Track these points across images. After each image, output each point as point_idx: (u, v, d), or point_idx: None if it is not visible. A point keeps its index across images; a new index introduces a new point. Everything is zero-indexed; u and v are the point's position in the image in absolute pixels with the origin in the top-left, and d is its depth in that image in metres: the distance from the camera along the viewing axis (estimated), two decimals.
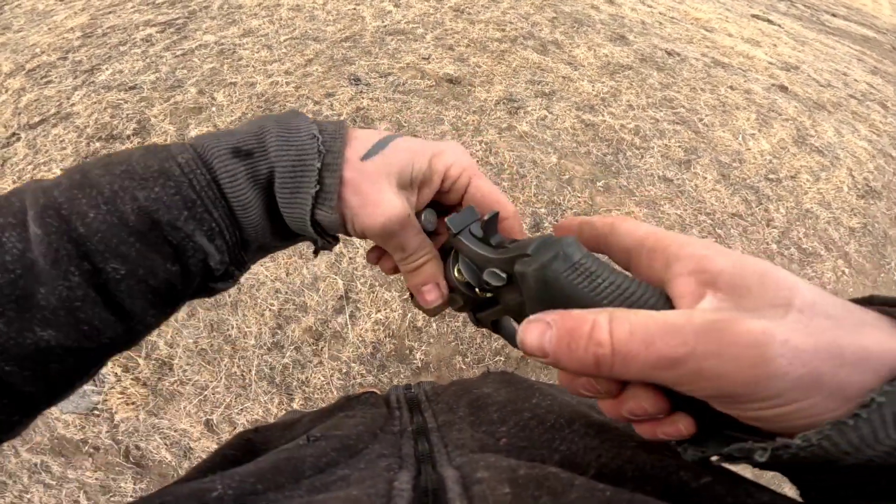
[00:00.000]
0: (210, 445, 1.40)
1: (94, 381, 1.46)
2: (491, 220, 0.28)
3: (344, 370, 1.54)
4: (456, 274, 0.30)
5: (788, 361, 0.16)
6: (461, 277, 0.29)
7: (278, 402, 1.49)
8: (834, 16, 5.29)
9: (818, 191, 2.37)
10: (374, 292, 1.68)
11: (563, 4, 3.38)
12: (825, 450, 0.17)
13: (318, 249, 0.33)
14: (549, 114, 2.41)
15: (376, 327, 1.62)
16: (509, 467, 0.22)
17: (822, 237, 2.18)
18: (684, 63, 3.04)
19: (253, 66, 2.54)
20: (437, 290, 0.32)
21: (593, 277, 0.21)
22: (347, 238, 1.74)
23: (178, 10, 3.06)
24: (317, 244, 0.32)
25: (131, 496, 1.32)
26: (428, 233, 0.34)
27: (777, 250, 2.07)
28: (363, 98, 2.34)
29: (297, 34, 2.81)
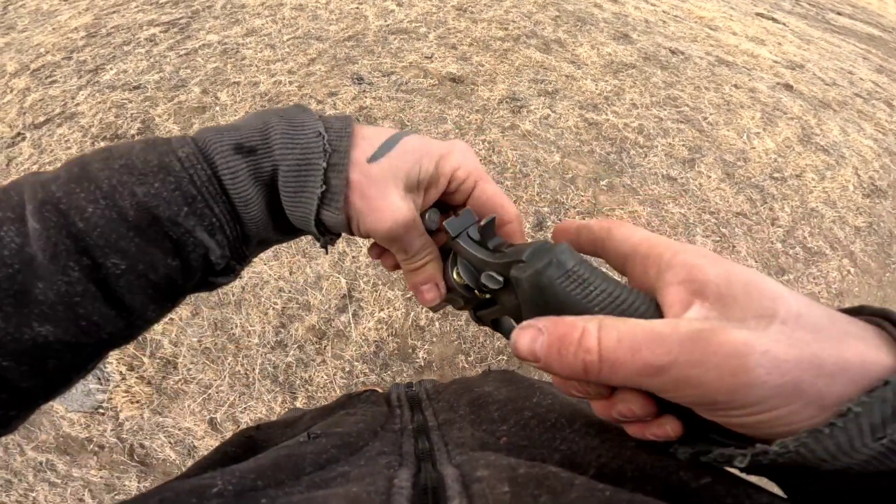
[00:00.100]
0: (214, 444, 1.41)
1: (98, 379, 1.47)
2: (488, 224, 0.28)
3: (347, 369, 1.54)
4: (455, 276, 0.30)
5: (767, 371, 0.17)
6: (460, 280, 0.30)
7: (281, 401, 1.49)
8: (839, 14, 5.26)
9: (823, 190, 2.36)
10: (377, 291, 1.68)
11: (566, 3, 3.37)
12: (802, 456, 0.17)
13: (325, 244, 0.34)
14: (553, 112, 2.40)
15: (379, 326, 1.62)
16: (509, 466, 0.22)
17: (827, 236, 2.16)
18: (688, 61, 3.03)
19: (256, 66, 2.54)
20: (435, 289, 0.33)
21: (586, 285, 0.22)
22: (351, 237, 1.74)
23: (182, 9, 3.07)
24: (319, 241, 0.32)
25: (135, 494, 1.32)
26: (431, 231, 0.34)
27: (782, 249, 2.06)
28: (366, 97, 2.34)
29: (300, 33, 2.81)
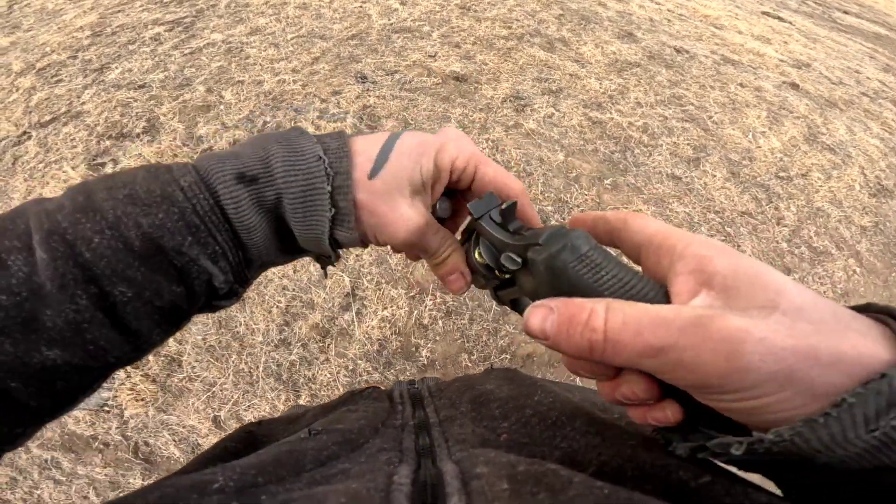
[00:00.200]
0: None
1: None
2: (510, 207, 0.29)
3: (350, 367, 1.55)
4: (477, 256, 0.32)
5: (761, 358, 0.17)
6: (481, 259, 0.31)
7: (285, 399, 1.49)
8: (846, 13, 5.23)
9: (829, 189, 2.34)
10: (380, 289, 1.68)
11: (569, 1, 3.36)
12: (797, 446, 0.18)
13: (325, 266, 0.35)
14: (556, 111, 2.40)
15: (382, 324, 1.62)
16: (508, 463, 0.22)
17: (832, 236, 2.15)
18: (693, 60, 3.02)
19: (260, 65, 2.55)
20: (461, 278, 0.34)
21: (598, 269, 0.23)
22: None
23: (186, 8, 3.08)
24: (330, 260, 0.34)
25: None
26: (442, 219, 0.36)
27: (787, 249, 2.05)
28: (370, 96, 2.34)
29: (303, 32, 2.82)
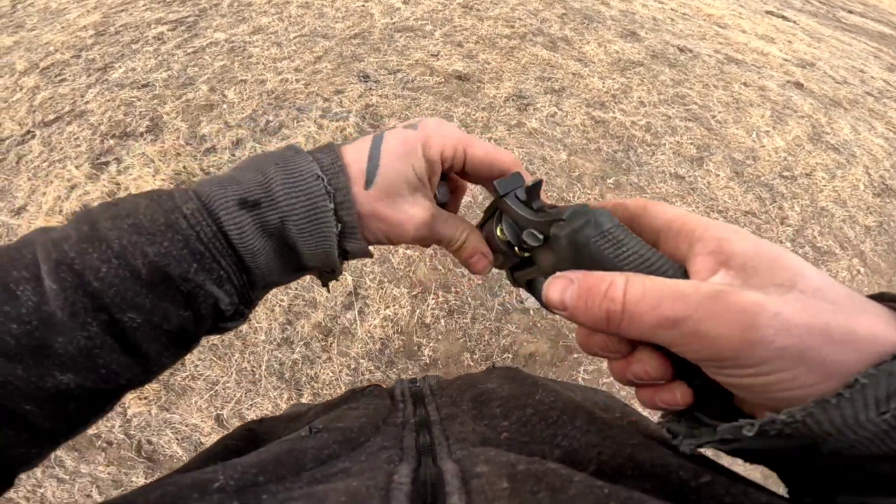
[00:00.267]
0: None
1: None
2: (534, 186, 0.30)
3: (353, 366, 1.54)
4: (499, 233, 0.32)
5: (775, 331, 0.18)
6: (503, 236, 0.32)
7: (287, 398, 1.49)
8: (850, 12, 5.20)
9: (833, 189, 2.33)
10: (382, 288, 1.68)
11: (572, 0, 3.36)
12: (808, 428, 0.18)
13: (327, 282, 0.36)
14: (559, 110, 2.39)
15: (385, 323, 1.62)
16: (509, 462, 0.22)
17: (837, 236, 2.14)
18: (697, 59, 3.01)
19: (263, 64, 2.55)
20: (483, 259, 0.35)
21: (619, 245, 0.23)
22: None
23: (189, 7, 3.08)
24: (334, 275, 0.35)
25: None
26: (444, 204, 0.37)
27: (791, 249, 2.03)
28: (372, 95, 2.34)
29: (306, 31, 2.82)
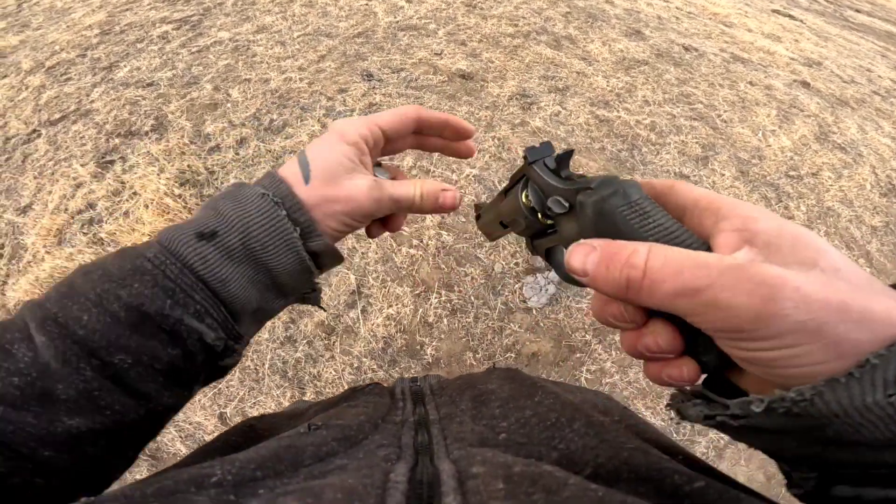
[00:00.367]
0: None
1: None
2: (565, 155, 0.30)
3: (355, 365, 1.55)
4: (524, 199, 0.33)
5: (794, 305, 0.18)
6: (528, 202, 0.32)
7: (290, 396, 1.49)
8: (858, 11, 5.16)
9: (840, 188, 2.31)
10: (385, 287, 1.68)
11: None
12: (816, 407, 0.18)
13: (314, 302, 0.37)
14: (563, 109, 2.38)
15: (388, 322, 1.62)
16: (505, 463, 0.22)
17: (843, 235, 2.12)
18: (702, 58, 2.99)
19: (267, 63, 2.55)
20: (449, 190, 0.36)
21: (645, 216, 0.23)
22: (360, 233, 1.75)
23: (193, 6, 3.09)
24: (315, 296, 0.36)
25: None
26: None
27: None
28: (376, 94, 2.34)
29: (309, 30, 2.82)
